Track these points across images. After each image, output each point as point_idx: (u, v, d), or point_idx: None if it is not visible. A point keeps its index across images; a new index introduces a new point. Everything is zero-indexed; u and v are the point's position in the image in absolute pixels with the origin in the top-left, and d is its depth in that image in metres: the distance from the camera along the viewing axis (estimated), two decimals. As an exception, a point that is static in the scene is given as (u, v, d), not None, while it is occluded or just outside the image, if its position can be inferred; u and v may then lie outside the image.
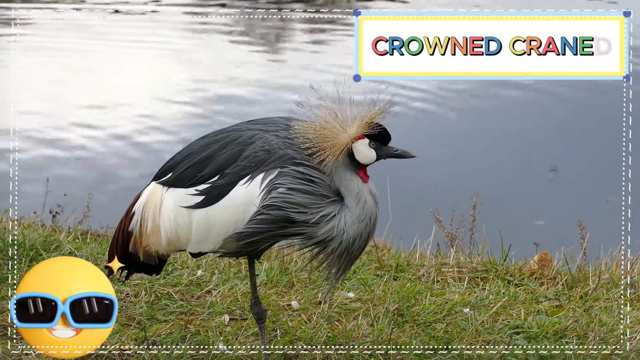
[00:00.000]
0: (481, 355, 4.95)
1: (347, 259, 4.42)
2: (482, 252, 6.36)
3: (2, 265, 5.82)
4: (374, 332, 5.17)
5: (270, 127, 4.41)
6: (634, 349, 4.97)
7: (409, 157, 4.40)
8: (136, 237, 4.53)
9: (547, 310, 5.49)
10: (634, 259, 6.17)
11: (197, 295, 5.65)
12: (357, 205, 4.36)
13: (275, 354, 4.94)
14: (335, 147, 4.30)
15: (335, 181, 4.36)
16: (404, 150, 4.40)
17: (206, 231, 4.38)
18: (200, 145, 4.43)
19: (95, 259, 6.07)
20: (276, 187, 4.31)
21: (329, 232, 4.36)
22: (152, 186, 4.50)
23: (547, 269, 6.06)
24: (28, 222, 6.92)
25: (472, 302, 5.54)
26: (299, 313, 5.43)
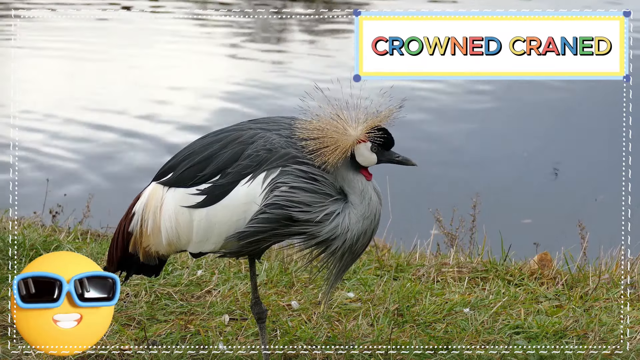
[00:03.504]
0: (481, 355, 4.95)
1: (349, 257, 4.42)
2: (482, 252, 6.36)
3: (2, 265, 5.82)
4: (374, 332, 5.17)
5: (272, 126, 4.41)
6: (634, 349, 4.98)
7: (410, 164, 4.40)
8: (136, 237, 4.53)
9: (547, 310, 5.49)
10: (634, 259, 6.18)
11: (197, 295, 5.65)
12: (361, 202, 4.36)
13: (275, 354, 4.94)
14: (337, 148, 4.30)
15: (338, 179, 4.36)
16: (405, 157, 4.40)
17: (207, 231, 4.38)
18: (201, 145, 4.43)
19: (95, 259, 6.07)
20: (278, 185, 4.31)
21: (333, 231, 4.35)
22: (153, 186, 4.50)
23: (547, 269, 6.06)
24: (28, 222, 6.92)
25: (472, 302, 5.54)
26: (299, 313, 5.43)
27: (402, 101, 4.35)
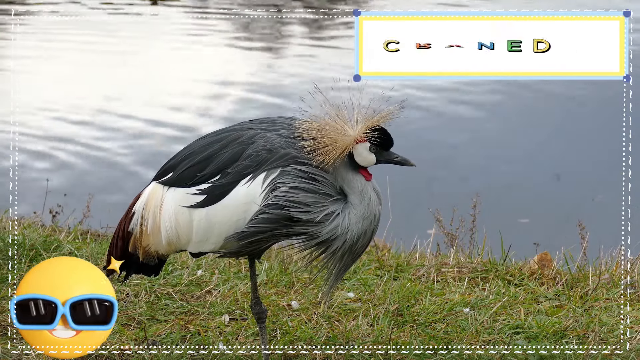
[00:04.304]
0: (481, 355, 4.95)
1: (349, 257, 4.42)
2: (482, 252, 6.36)
3: (2, 265, 5.82)
4: (374, 332, 5.17)
5: (272, 127, 4.41)
6: (634, 349, 4.97)
7: (409, 165, 4.40)
8: (136, 237, 4.53)
9: (547, 310, 5.49)
10: (634, 259, 6.18)
11: (197, 295, 5.65)
12: (361, 202, 4.36)
13: (275, 354, 4.94)
14: (336, 147, 4.30)
15: (338, 179, 4.36)
16: (404, 157, 4.40)
17: (207, 231, 4.38)
18: (201, 145, 4.43)
19: (95, 259, 6.07)
20: (278, 186, 4.30)
21: (333, 231, 4.35)
22: (153, 186, 4.50)
23: (547, 269, 6.06)
24: (28, 222, 6.92)
25: (472, 302, 5.54)
26: (299, 313, 5.43)
27: (402, 102, 4.35)
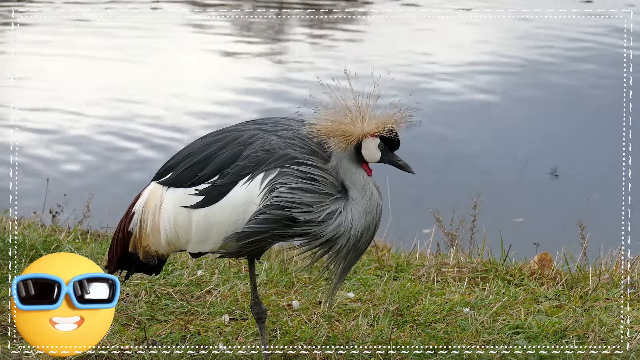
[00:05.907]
0: (481, 355, 4.95)
1: (353, 254, 4.42)
2: (482, 252, 6.36)
3: (2, 265, 5.82)
4: (374, 332, 5.17)
5: (270, 127, 4.41)
6: (634, 349, 4.97)
7: (408, 171, 4.43)
8: (136, 237, 4.53)
9: (547, 310, 5.49)
10: (634, 259, 6.17)
11: (197, 295, 5.65)
12: (363, 197, 4.37)
13: (275, 354, 4.94)
14: (348, 136, 4.30)
15: (340, 173, 4.36)
16: (406, 163, 4.42)
17: (206, 231, 4.38)
18: (200, 145, 4.43)
19: (95, 259, 6.07)
20: (277, 186, 4.31)
21: (336, 229, 4.36)
22: (152, 186, 4.51)
23: (547, 269, 6.06)
24: (28, 222, 6.92)
25: (472, 302, 5.54)
26: (299, 313, 5.43)
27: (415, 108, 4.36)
